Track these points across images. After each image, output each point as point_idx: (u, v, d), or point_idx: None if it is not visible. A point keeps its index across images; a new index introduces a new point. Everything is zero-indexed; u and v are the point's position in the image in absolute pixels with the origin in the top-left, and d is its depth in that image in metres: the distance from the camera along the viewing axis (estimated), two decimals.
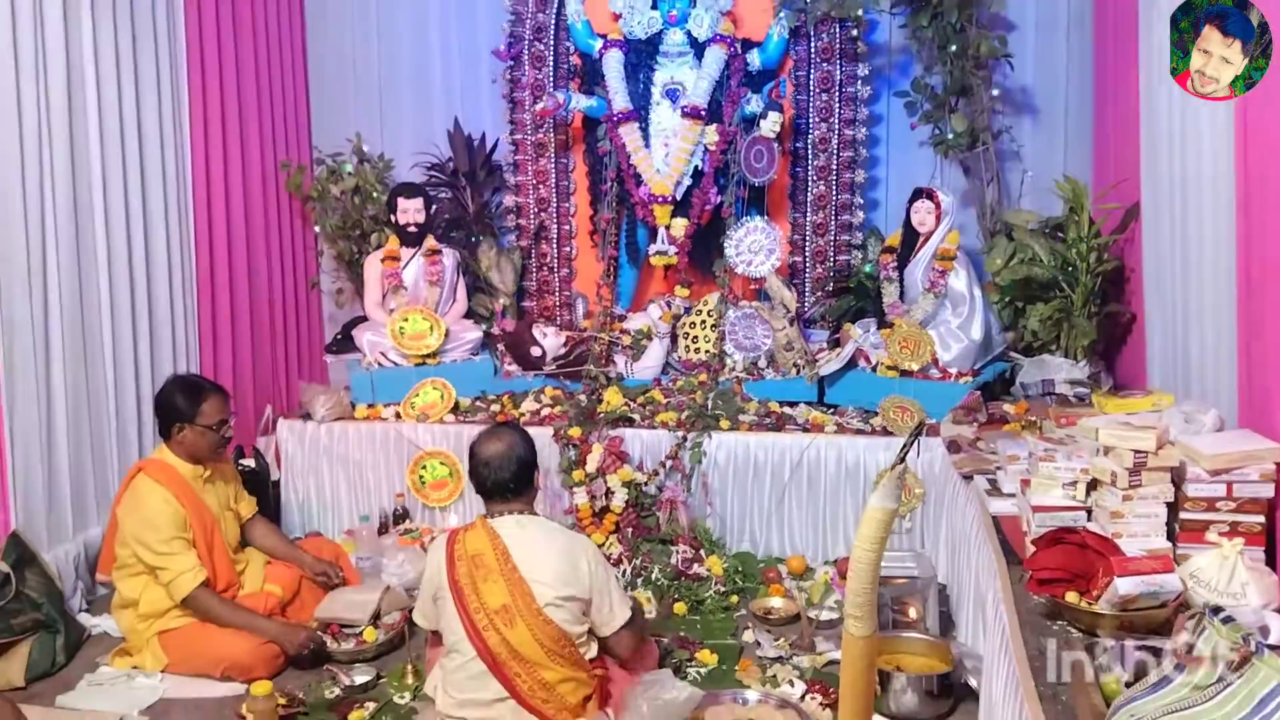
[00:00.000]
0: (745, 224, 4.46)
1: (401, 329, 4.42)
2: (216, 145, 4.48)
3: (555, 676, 2.64)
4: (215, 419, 3.30)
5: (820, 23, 4.62)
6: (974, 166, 4.70)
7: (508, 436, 2.81)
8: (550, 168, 4.98)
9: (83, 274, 3.72)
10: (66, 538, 3.64)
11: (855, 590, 1.86)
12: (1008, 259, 4.29)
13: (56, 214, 3.57)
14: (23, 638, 3.20)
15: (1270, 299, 2.49)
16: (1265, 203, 2.53)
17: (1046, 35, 4.81)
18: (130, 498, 3.23)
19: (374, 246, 4.81)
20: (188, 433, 3.27)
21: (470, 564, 2.67)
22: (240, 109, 4.66)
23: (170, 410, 3.28)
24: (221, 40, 4.52)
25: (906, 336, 4.14)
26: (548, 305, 5.05)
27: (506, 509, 2.77)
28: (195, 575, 3.16)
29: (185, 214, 4.29)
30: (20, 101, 3.39)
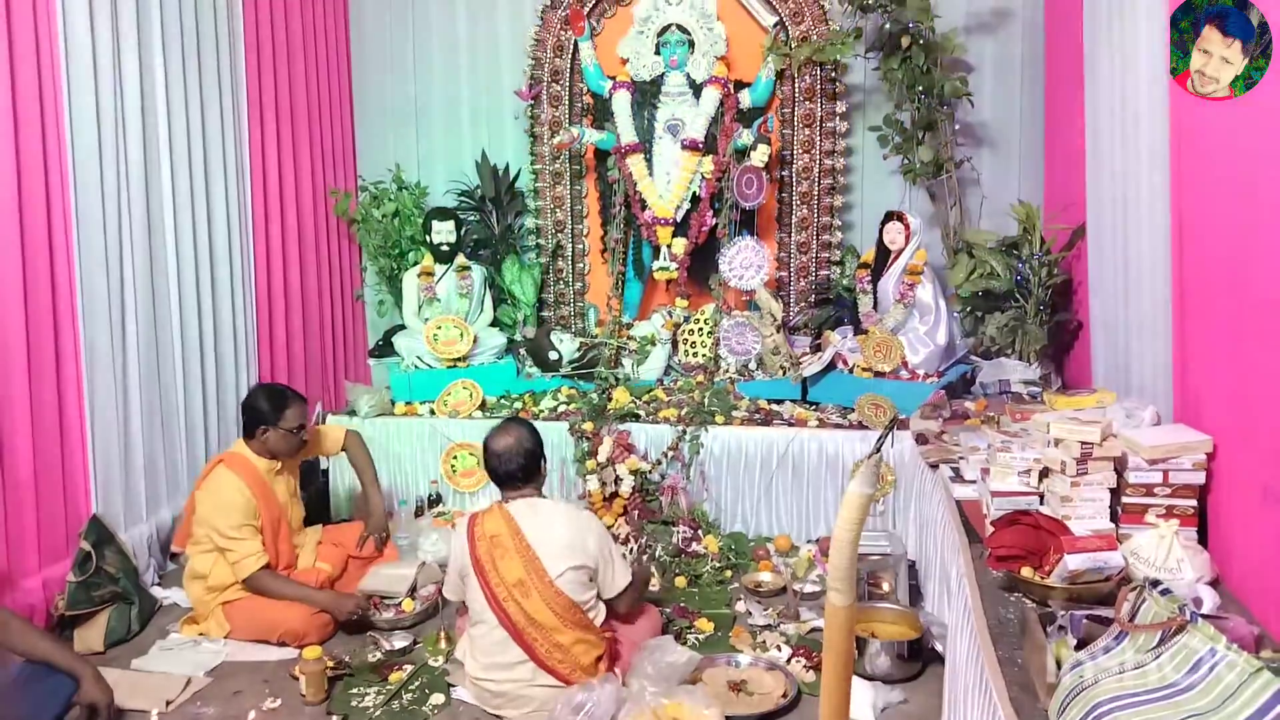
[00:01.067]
0: (737, 243, 4.47)
1: (435, 336, 4.43)
2: (273, 174, 4.49)
3: (569, 639, 2.64)
4: (295, 424, 3.30)
5: (803, 66, 4.62)
6: (939, 192, 4.70)
7: (515, 431, 2.82)
8: (566, 194, 4.99)
9: (155, 287, 3.73)
10: (141, 520, 3.64)
11: (836, 565, 1.84)
12: (969, 273, 4.29)
13: (133, 231, 3.58)
14: (102, 608, 3.20)
15: (1201, 308, 2.49)
16: (1196, 224, 2.53)
17: (1003, 76, 4.82)
18: (209, 484, 3.23)
19: (411, 263, 4.82)
20: (270, 434, 3.27)
21: (489, 543, 2.67)
22: (294, 143, 4.68)
23: (257, 413, 3.28)
24: (278, 83, 4.53)
25: (880, 342, 4.14)
26: (564, 315, 5.06)
27: (518, 494, 2.78)
28: (258, 559, 3.16)
29: (246, 235, 4.29)
30: (100, 137, 3.40)
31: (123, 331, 3.53)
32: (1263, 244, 2.10)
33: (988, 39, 4.79)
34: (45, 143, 3.15)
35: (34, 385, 3.12)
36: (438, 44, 5.28)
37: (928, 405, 3.83)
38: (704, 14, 4.62)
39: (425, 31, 5.28)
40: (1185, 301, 2.59)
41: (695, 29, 4.62)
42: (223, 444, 4.09)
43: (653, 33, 4.65)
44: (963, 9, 4.74)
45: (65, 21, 3.22)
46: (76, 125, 3.28)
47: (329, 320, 5.00)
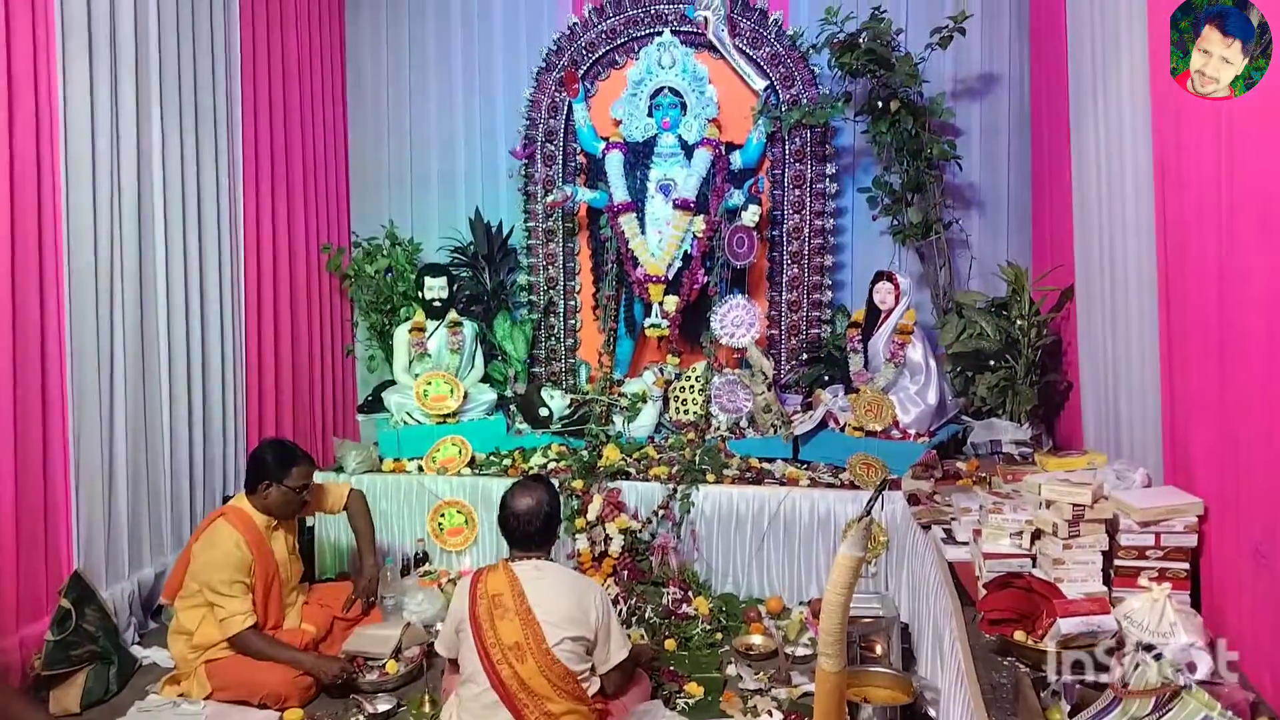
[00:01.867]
0: (728, 301, 4.49)
1: (425, 391, 4.42)
2: (267, 229, 4.52)
3: (560, 709, 2.59)
4: (299, 483, 3.28)
5: (793, 129, 4.70)
6: (928, 253, 4.75)
7: (538, 492, 2.78)
8: (558, 251, 5.03)
9: (145, 338, 3.72)
10: (123, 576, 3.59)
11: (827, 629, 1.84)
12: (959, 333, 4.30)
13: (124, 280, 3.58)
14: (80, 668, 3.14)
15: (1190, 369, 2.51)
16: (1182, 285, 2.56)
17: (991, 140, 4.90)
18: (208, 536, 3.19)
19: (403, 319, 4.84)
20: (273, 491, 3.24)
21: (490, 602, 2.63)
22: (289, 199, 4.72)
23: (262, 467, 3.25)
24: (274, 141, 4.59)
25: (871, 401, 4.15)
26: (555, 371, 5.07)
27: (527, 555, 2.75)
28: (245, 619, 3.11)
29: (238, 288, 4.31)
30: (95, 189, 3.43)
31: (110, 383, 3.52)
32: (1248, 306, 2.13)
33: (975, 103, 4.90)
34: (40, 194, 3.17)
35: (19, 436, 3.09)
36: (434, 104, 5.37)
37: (919, 465, 3.82)
38: (696, 77, 4.71)
39: (422, 92, 5.38)
40: (1173, 363, 2.62)
41: (687, 92, 4.71)
42: (209, 499, 4.05)
43: (646, 95, 4.74)
44: (950, 74, 4.84)
45: (65, 74, 3.26)
46: (72, 178, 3.31)
47: (318, 375, 5.00)
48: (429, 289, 4.61)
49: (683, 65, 4.71)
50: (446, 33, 5.34)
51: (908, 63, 4.44)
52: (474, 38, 5.31)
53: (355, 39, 5.41)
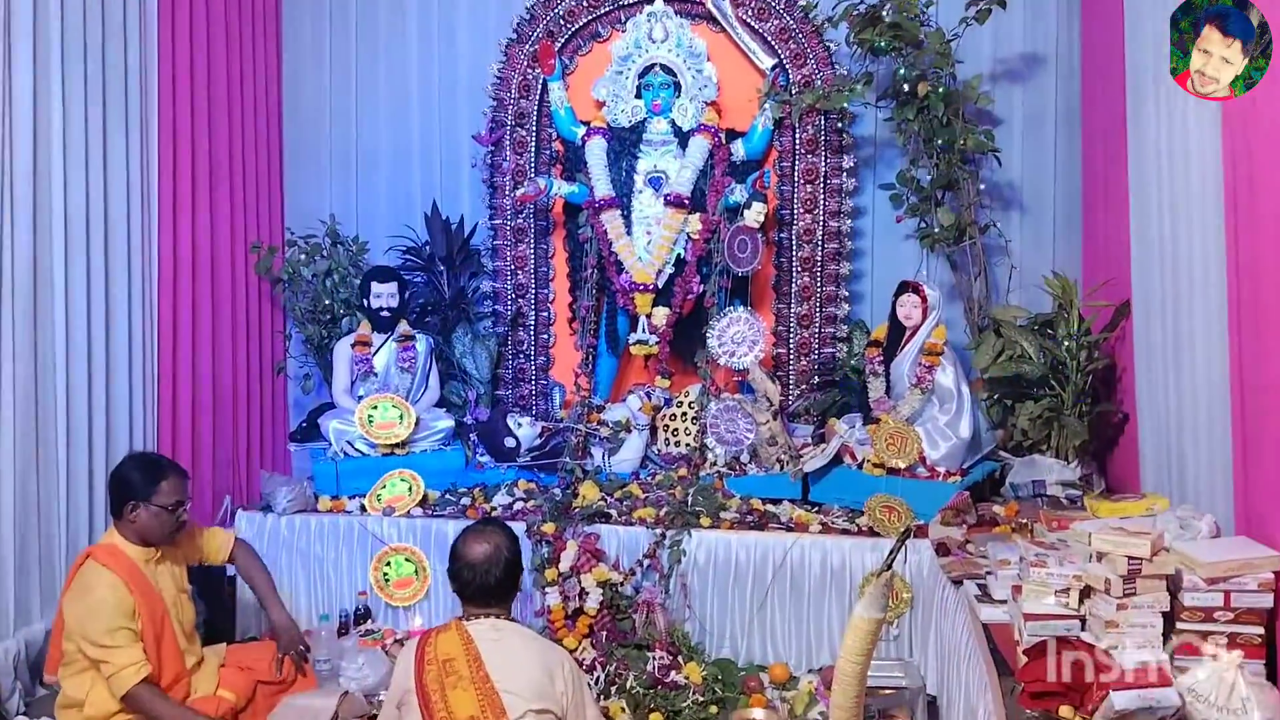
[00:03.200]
0: (728, 314, 4.48)
1: (370, 417, 4.39)
2: (186, 225, 4.49)
3: None
4: (171, 499, 3.25)
5: (805, 115, 4.72)
6: (961, 261, 4.76)
7: (495, 537, 2.77)
8: (529, 253, 5.03)
9: (39, 352, 3.68)
10: (6, 634, 3.53)
11: (840, 704, 1.83)
12: (996, 355, 4.31)
13: (15, 280, 3.54)
14: None
15: (1266, 400, 2.51)
16: (1259, 301, 2.57)
17: (1034, 130, 4.93)
18: (77, 584, 3.15)
19: (344, 331, 4.82)
20: (141, 512, 3.22)
21: (441, 669, 2.61)
22: (212, 188, 4.69)
23: (125, 487, 3.23)
24: (195, 116, 4.56)
25: (893, 433, 4.14)
26: (523, 394, 5.05)
27: (484, 612, 2.73)
28: (138, 670, 3.07)
29: (150, 293, 4.27)
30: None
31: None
32: None
33: (1017, 87, 4.92)
34: None
35: None
36: (385, 79, 5.37)
37: (949, 509, 3.82)
38: (692, 53, 4.73)
39: (371, 64, 5.38)
40: (1245, 393, 2.63)
41: (682, 70, 4.72)
42: None
43: (633, 73, 4.75)
44: (988, 54, 4.88)
45: None
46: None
47: (244, 397, 4.97)
48: (376, 296, 4.60)
49: (677, 39, 4.72)
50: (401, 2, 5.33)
51: (938, 40, 4.45)
52: (432, 4, 5.31)
53: (294, 11, 5.39)
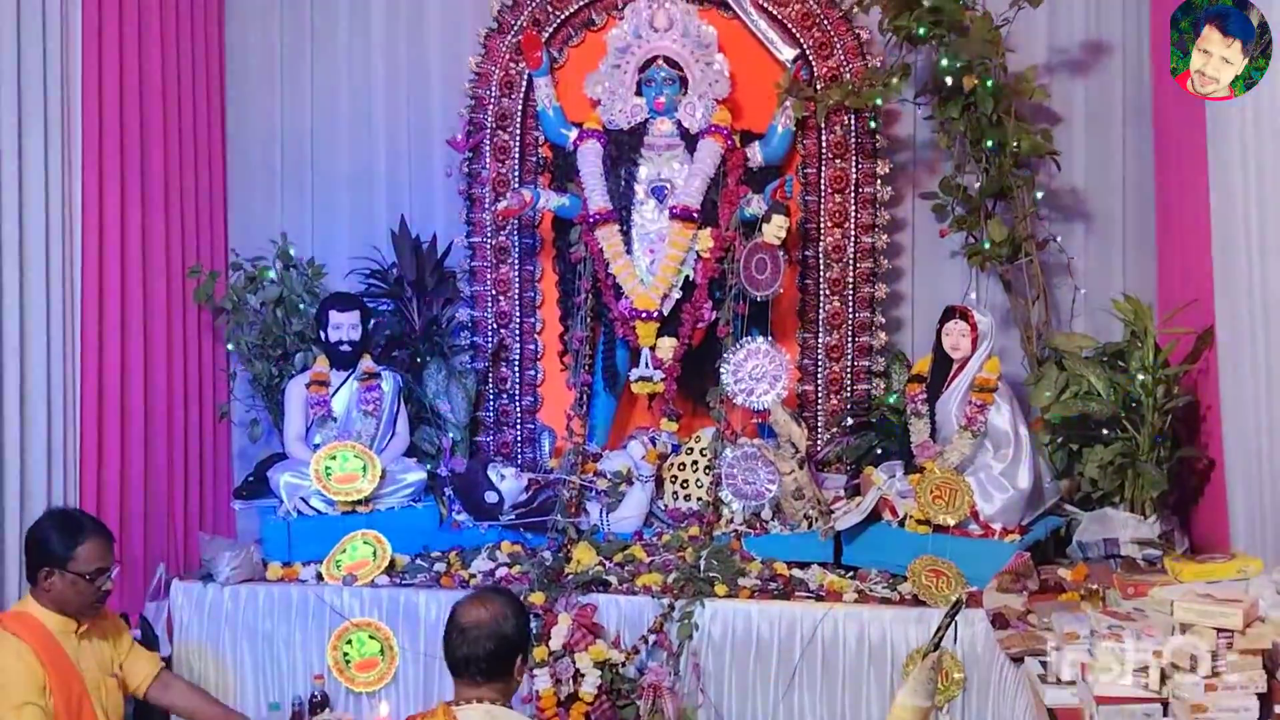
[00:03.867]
0: (745, 346, 4.48)
1: (328, 469, 4.38)
2: (113, 246, 4.49)
3: None
4: (92, 566, 3.25)
5: (832, 113, 4.71)
6: (1016, 281, 4.75)
7: (496, 604, 2.80)
8: (513, 276, 5.03)
9: None
10: None
11: None
12: (1059, 392, 4.27)
13: None
14: None
15: None
16: None
17: (1099, 129, 4.93)
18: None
19: (298, 369, 4.80)
20: (56, 580, 3.22)
21: None
22: (144, 203, 4.69)
23: (40, 550, 3.24)
24: (125, 121, 4.56)
25: (940, 484, 4.13)
26: (507, 441, 5.04)
27: (476, 695, 2.73)
28: None
29: (71, 325, 4.25)
30: None
31: None
32: None
33: (1078, 80, 4.93)
34: None
35: None
36: (345, 74, 5.38)
37: (1007, 573, 3.80)
38: (700, 44, 4.74)
39: (328, 57, 5.38)
40: None
41: (689, 63, 4.73)
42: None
43: (633, 67, 4.76)
44: (1044, 42, 4.89)
45: None
46: None
47: (180, 446, 4.95)
48: (335, 328, 4.59)
49: (683, 27, 4.72)
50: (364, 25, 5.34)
51: (986, 25, 4.44)
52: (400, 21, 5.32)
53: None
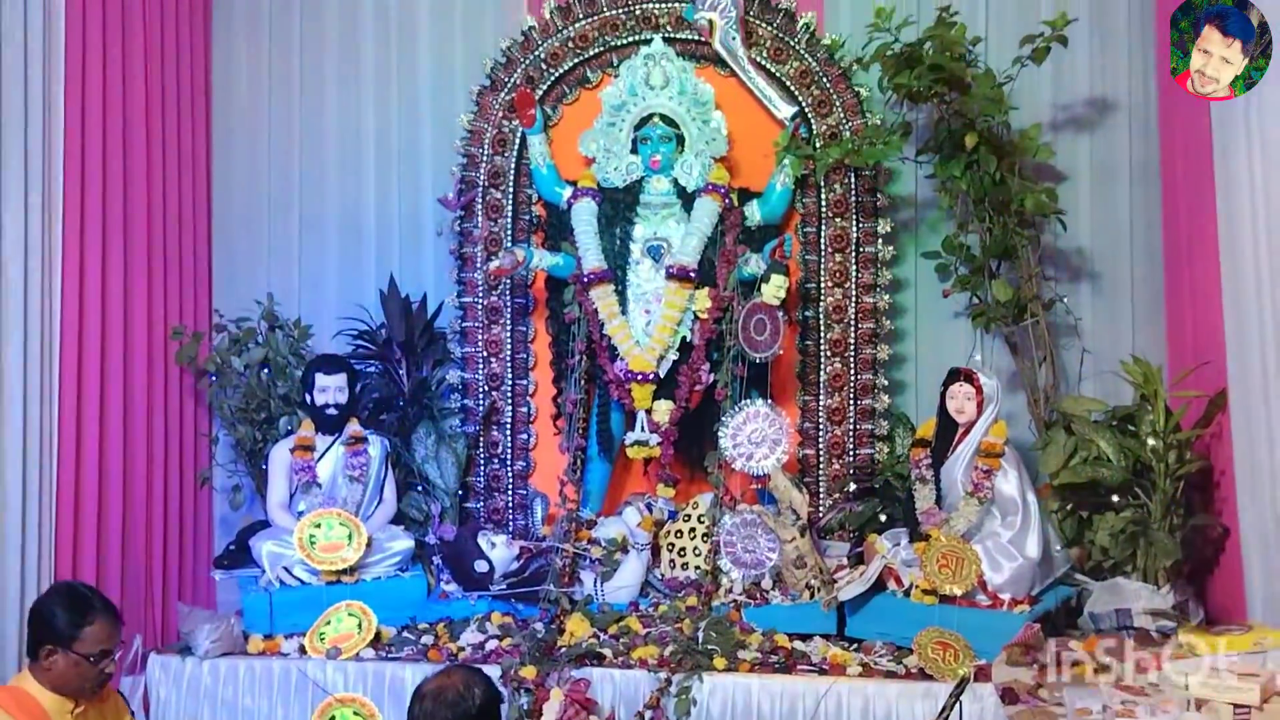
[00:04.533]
0: (744, 409, 4.47)
1: (312, 537, 4.37)
2: (94, 307, 4.50)
3: None
4: (97, 648, 3.23)
5: (832, 171, 4.76)
6: (1022, 343, 4.77)
7: (461, 679, 2.77)
8: (505, 337, 5.05)
9: None
10: None
11: None
12: (1067, 457, 4.31)
13: None
14: None
15: None
16: None
17: (1105, 187, 4.98)
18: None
19: (282, 433, 4.81)
20: (59, 659, 3.19)
21: None
22: (126, 265, 4.71)
23: (44, 626, 3.19)
24: (108, 178, 4.58)
25: (946, 552, 4.11)
26: (497, 507, 5.04)
27: None
28: None
29: (49, 387, 4.26)
30: None
31: None
32: None
33: (1083, 137, 4.99)
34: None
35: None
36: (335, 134, 5.44)
37: (1017, 645, 3.76)
38: (697, 101, 4.80)
39: (316, 111, 5.44)
40: None
41: (685, 121, 4.78)
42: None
43: (628, 124, 4.82)
44: (1048, 99, 4.95)
45: None
46: None
47: (159, 513, 4.93)
48: (321, 390, 4.61)
49: (679, 84, 4.79)
50: (353, 37, 5.40)
51: (989, 83, 4.52)
52: (391, 44, 5.39)
53: (225, 45, 5.46)
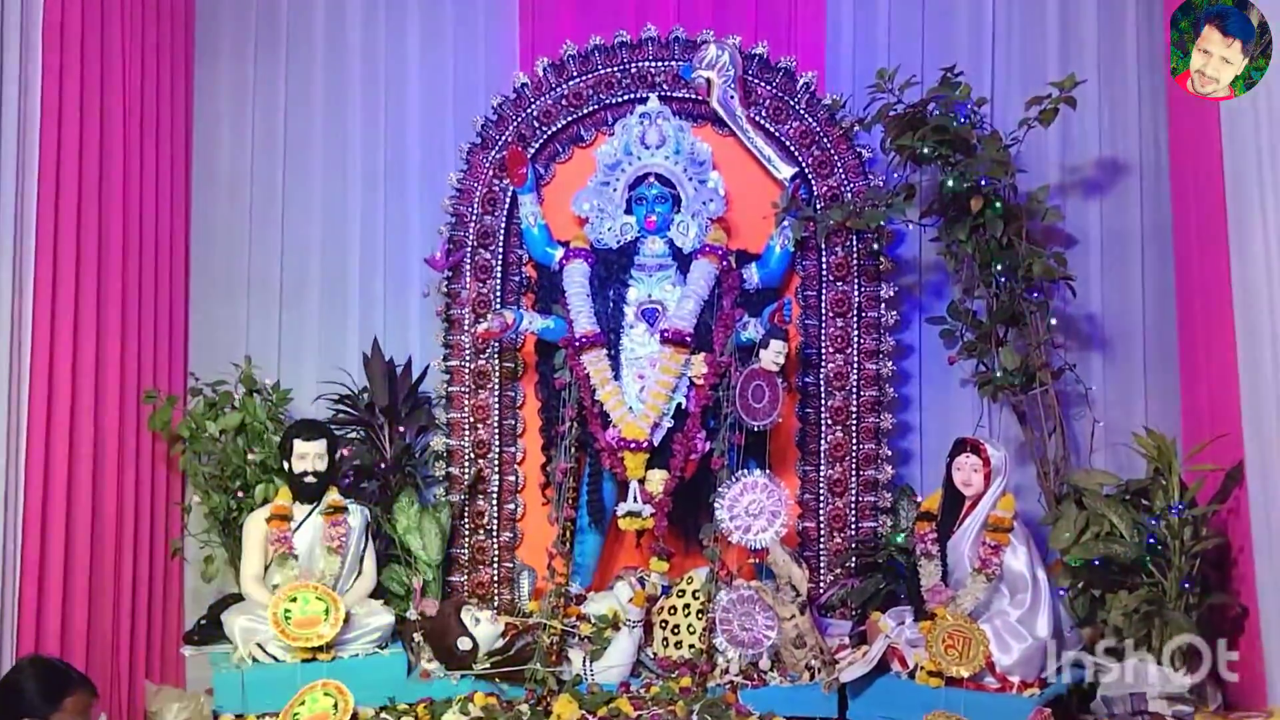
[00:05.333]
0: (741, 479, 4.50)
1: (288, 612, 4.33)
2: (64, 369, 4.50)
3: None
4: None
5: (833, 234, 4.80)
6: (1030, 413, 4.79)
7: None
8: (493, 403, 5.06)
9: None
10: None
11: None
12: (1079, 532, 4.30)
13: None
14: None
15: None
16: None
17: (1116, 251, 5.03)
18: None
19: (259, 501, 4.79)
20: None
21: None
22: (99, 322, 4.71)
23: (18, 701, 3.19)
24: (82, 236, 4.60)
25: (953, 632, 4.13)
26: (482, 581, 5.02)
27: None
28: None
29: (15, 453, 4.24)
30: None
31: None
32: None
33: (1093, 200, 5.04)
34: None
35: None
36: (319, 190, 5.47)
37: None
38: (694, 160, 4.85)
39: (301, 172, 5.46)
40: None
41: (682, 181, 4.85)
42: None
43: (623, 184, 4.88)
44: (1055, 161, 5.01)
45: None
46: None
47: (128, 585, 4.89)
48: (300, 457, 4.60)
49: (675, 144, 4.85)
50: (340, 92, 5.47)
51: (995, 145, 4.57)
52: (379, 99, 5.45)
53: (208, 96, 5.49)
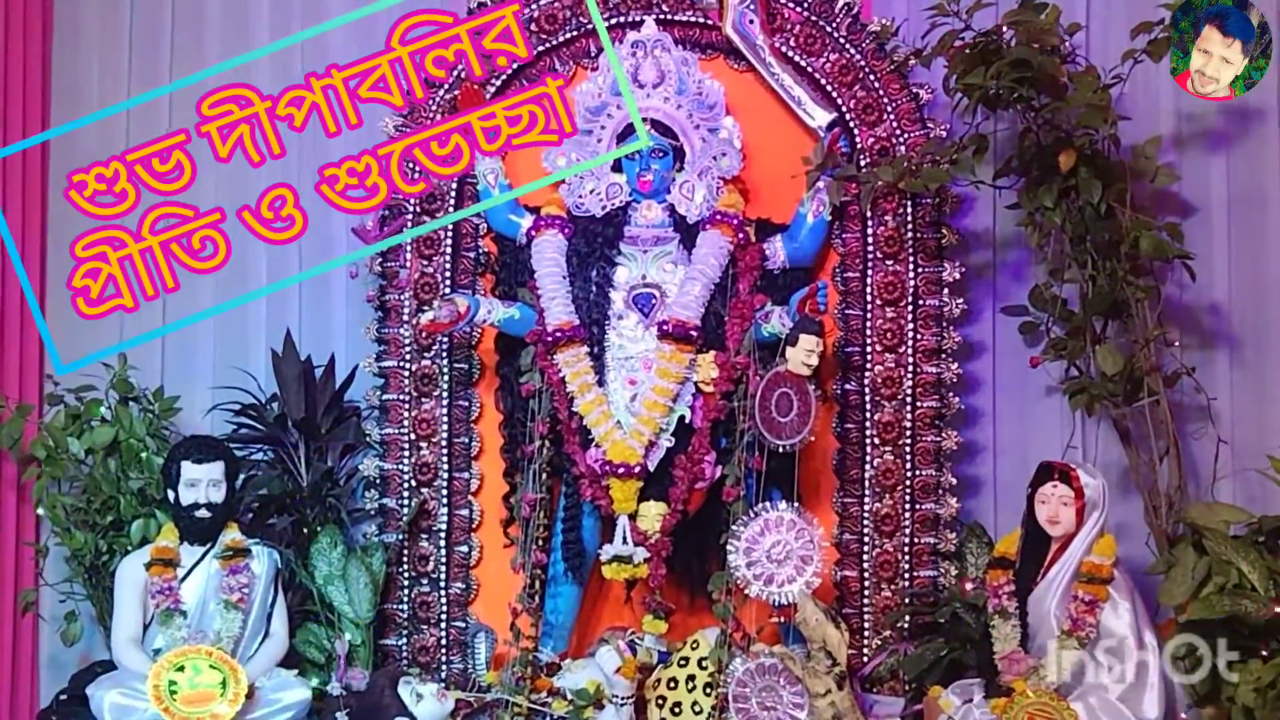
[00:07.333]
0: (763, 515, 4.41)
1: (173, 685, 4.24)
2: None
3: None
4: None
5: (882, 198, 4.75)
6: (1137, 430, 4.75)
7: None
8: (441, 415, 5.04)
9: None
10: None
11: None
12: (1198, 585, 4.23)
13: None
14: None
15: None
16: None
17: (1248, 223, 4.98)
18: None
19: (135, 542, 4.75)
20: None
21: None
22: None
23: None
24: None
25: (1036, 711, 4.07)
26: (426, 644, 4.99)
27: None
28: None
29: None
30: None
31: None
32: None
33: (1218, 156, 4.98)
34: None
35: None
36: None
37: None
38: (702, 103, 4.80)
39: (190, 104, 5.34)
40: None
41: (686, 129, 4.78)
42: None
43: (610, 134, 4.81)
44: (1170, 106, 4.94)
45: None
46: None
47: None
48: (190, 485, 4.55)
49: (679, 82, 4.79)
50: (241, 6, 5.48)
51: (1091, 84, 4.49)
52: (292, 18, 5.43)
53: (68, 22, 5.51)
